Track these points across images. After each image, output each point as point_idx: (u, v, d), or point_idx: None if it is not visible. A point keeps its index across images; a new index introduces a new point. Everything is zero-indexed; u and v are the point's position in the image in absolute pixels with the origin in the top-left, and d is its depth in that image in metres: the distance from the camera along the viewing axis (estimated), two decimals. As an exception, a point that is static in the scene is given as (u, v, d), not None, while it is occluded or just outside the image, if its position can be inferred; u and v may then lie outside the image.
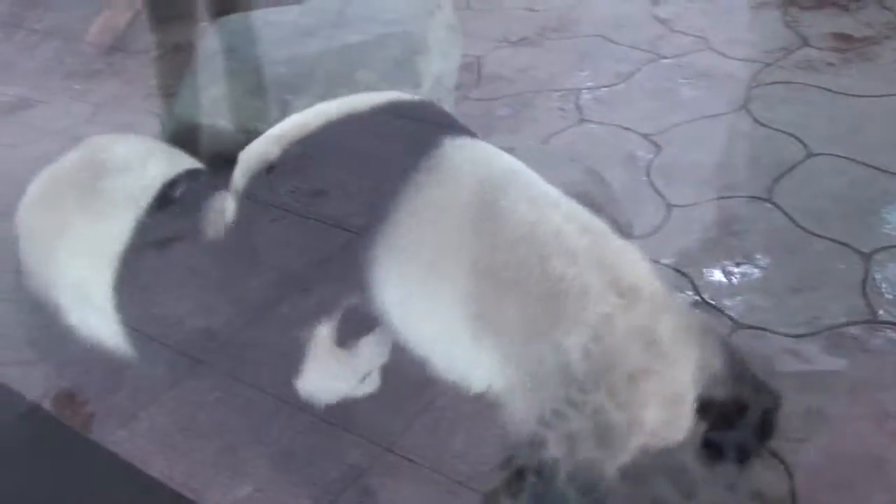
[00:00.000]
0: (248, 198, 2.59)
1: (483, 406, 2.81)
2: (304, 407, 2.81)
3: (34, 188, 2.93)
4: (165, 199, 2.69)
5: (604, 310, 2.22)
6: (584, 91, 4.33)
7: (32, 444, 2.33)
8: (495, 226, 2.35)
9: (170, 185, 2.73)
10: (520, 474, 2.29)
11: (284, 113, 3.16)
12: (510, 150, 3.07)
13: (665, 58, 4.55)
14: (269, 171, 2.59)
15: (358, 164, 2.57)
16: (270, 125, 3.17)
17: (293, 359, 2.68)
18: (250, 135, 3.17)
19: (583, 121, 4.10)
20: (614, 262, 2.31)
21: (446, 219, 2.41)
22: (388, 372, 2.97)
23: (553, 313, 2.25)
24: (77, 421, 2.87)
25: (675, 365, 2.22)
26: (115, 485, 2.47)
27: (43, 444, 2.38)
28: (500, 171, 2.51)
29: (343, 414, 2.88)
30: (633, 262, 2.35)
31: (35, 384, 2.87)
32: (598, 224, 2.42)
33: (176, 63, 3.93)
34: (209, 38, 3.60)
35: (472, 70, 4.53)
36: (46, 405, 2.84)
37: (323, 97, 3.18)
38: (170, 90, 3.83)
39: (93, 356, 2.79)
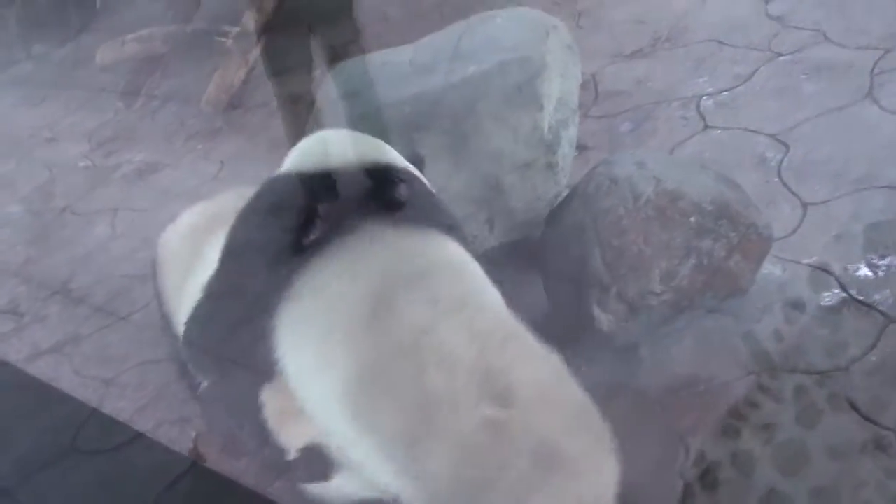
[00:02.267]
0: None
1: (642, 425, 2.80)
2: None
3: (172, 227, 3.04)
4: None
5: (477, 425, 2.15)
6: (704, 97, 4.27)
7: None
8: (385, 326, 2.32)
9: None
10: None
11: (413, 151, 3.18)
12: (641, 165, 3.06)
13: (782, 55, 4.45)
14: None
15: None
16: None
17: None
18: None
19: (707, 127, 4.04)
20: (499, 373, 2.24)
21: (341, 306, 2.39)
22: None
23: (424, 425, 2.19)
24: (234, 474, 2.89)
25: (565, 479, 2.16)
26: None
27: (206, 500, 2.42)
28: (413, 268, 2.46)
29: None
30: (528, 371, 2.31)
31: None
32: (505, 329, 2.41)
33: (297, 113, 3.98)
34: (328, 86, 3.63)
35: (589, 88, 4.50)
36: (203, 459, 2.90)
37: (449, 132, 3.20)
38: (294, 140, 3.88)
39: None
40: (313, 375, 2.38)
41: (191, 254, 2.87)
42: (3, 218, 5.43)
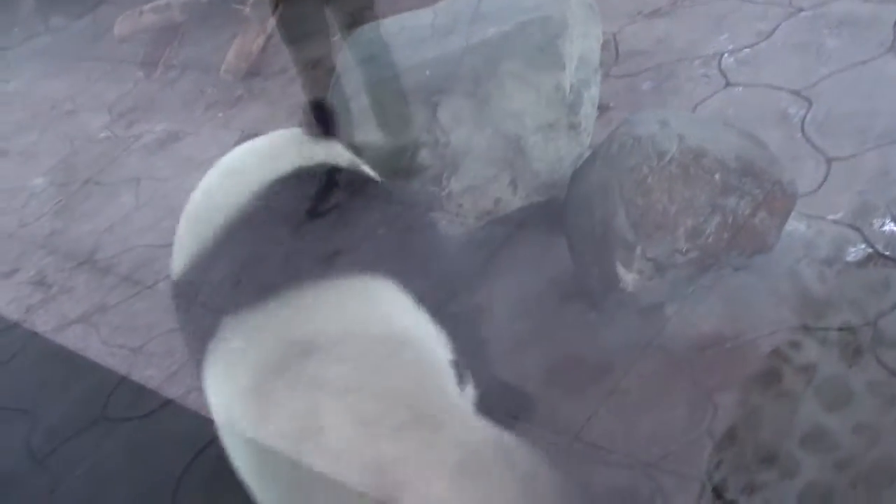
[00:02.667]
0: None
1: (669, 385, 2.81)
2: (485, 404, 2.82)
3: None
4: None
5: None
6: (725, 55, 4.23)
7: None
8: (267, 407, 2.19)
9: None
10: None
11: (434, 115, 3.18)
12: (664, 123, 3.05)
13: (804, 10, 4.41)
14: None
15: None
16: (420, 131, 3.21)
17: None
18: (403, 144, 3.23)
19: (729, 85, 4.01)
20: (385, 464, 2.06)
21: (244, 369, 2.28)
22: (566, 360, 2.98)
23: None
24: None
25: None
26: None
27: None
28: (317, 337, 2.28)
29: (525, 407, 2.89)
30: (422, 465, 2.08)
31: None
32: (406, 414, 2.15)
33: (316, 79, 3.98)
34: (347, 51, 3.63)
35: (609, 48, 4.46)
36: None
37: (471, 94, 3.19)
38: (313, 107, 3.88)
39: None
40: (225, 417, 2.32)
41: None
42: (28, 190, 5.45)
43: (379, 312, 2.39)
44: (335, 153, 2.79)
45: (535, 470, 2.15)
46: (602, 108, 3.66)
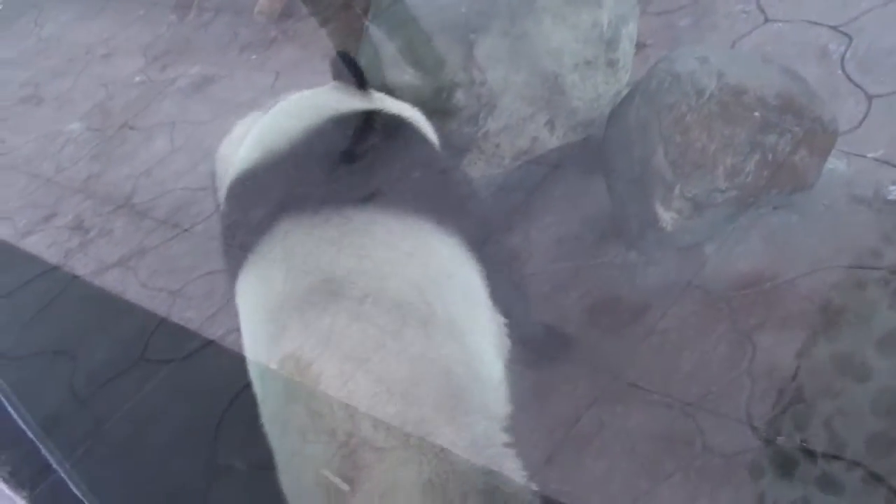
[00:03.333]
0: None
1: (708, 325, 2.81)
2: (525, 344, 2.83)
3: (227, 139, 3.01)
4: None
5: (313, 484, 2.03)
6: (764, -11, 4.18)
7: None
8: (280, 335, 2.17)
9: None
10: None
11: (470, 54, 3.15)
12: (703, 60, 3.01)
13: (845, -56, 4.34)
14: None
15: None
16: (456, 70, 3.18)
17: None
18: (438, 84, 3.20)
19: (767, 20, 3.95)
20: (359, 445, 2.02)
21: (272, 289, 2.27)
22: (605, 301, 2.97)
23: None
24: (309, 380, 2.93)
25: None
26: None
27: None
28: (340, 281, 2.22)
29: (567, 347, 2.89)
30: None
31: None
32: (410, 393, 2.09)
33: (349, 20, 3.94)
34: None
35: (645, -16, 4.42)
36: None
37: (507, 32, 3.16)
38: (348, 46, 3.85)
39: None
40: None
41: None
42: (65, 135, 5.48)
43: (417, 264, 2.33)
44: (373, 98, 2.79)
45: None
46: (639, 46, 3.61)
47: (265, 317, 2.26)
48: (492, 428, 2.18)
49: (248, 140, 2.73)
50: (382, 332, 2.16)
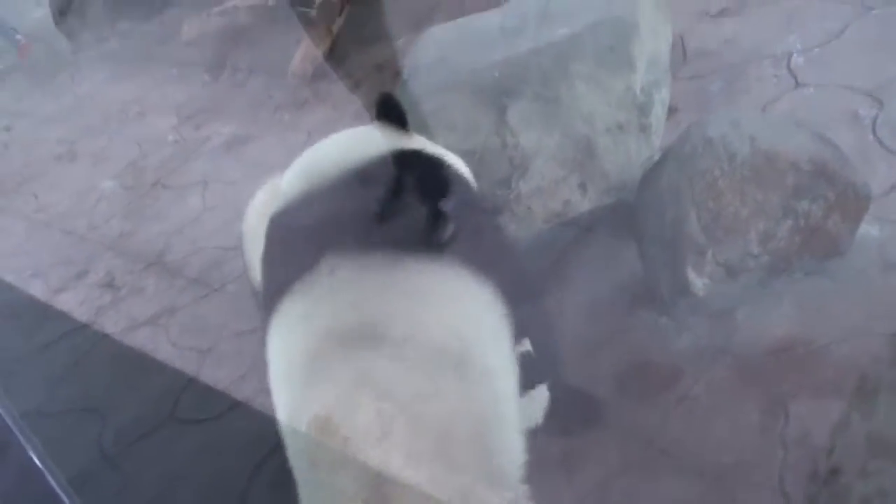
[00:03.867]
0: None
1: (740, 391, 2.78)
2: (554, 412, 2.81)
3: (253, 201, 3.03)
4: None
5: None
6: (794, 54, 4.17)
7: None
8: (312, 378, 2.16)
9: None
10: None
11: (503, 118, 3.17)
12: (736, 125, 3.01)
13: (873, 9, 4.34)
14: None
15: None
16: (488, 134, 3.20)
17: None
18: (470, 147, 3.21)
19: (799, 85, 3.96)
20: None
21: (287, 346, 2.29)
22: (636, 366, 2.95)
23: None
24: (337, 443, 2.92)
25: None
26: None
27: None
28: (382, 322, 2.21)
29: (596, 413, 2.87)
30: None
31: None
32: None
33: (381, 82, 3.98)
34: (414, 53, 3.62)
35: (677, 48, 4.42)
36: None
37: (540, 95, 3.17)
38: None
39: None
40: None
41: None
42: (98, 193, 5.53)
43: (456, 310, 2.32)
44: (414, 139, 2.78)
45: None
46: (671, 110, 3.62)
47: (302, 357, 2.23)
48: (514, 474, 2.17)
49: (291, 175, 2.75)
50: (422, 376, 2.14)
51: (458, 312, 2.32)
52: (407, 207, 2.47)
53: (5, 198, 5.98)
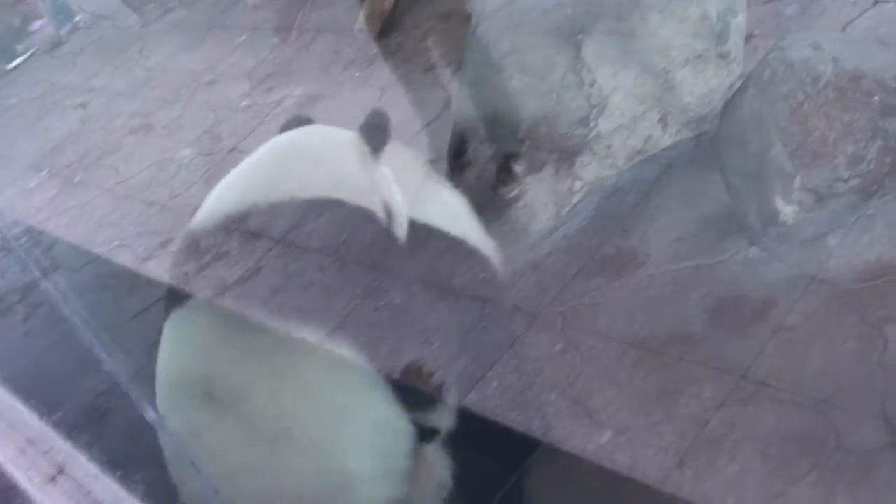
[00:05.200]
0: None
1: (836, 319, 2.73)
2: (650, 348, 2.80)
3: None
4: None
5: None
6: (873, -30, 4.07)
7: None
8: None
9: None
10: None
11: (578, 55, 3.14)
12: (817, 47, 2.94)
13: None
14: None
15: None
16: (565, 72, 3.16)
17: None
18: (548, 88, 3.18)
19: (877, 2, 3.84)
20: None
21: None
22: (728, 300, 2.91)
23: None
24: (430, 390, 2.93)
25: None
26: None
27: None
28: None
29: (691, 348, 2.84)
30: None
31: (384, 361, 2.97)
32: None
33: (450, 31, 3.96)
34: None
35: (751, -27, 4.35)
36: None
37: (615, 30, 3.13)
38: (450, 58, 3.87)
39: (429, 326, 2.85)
40: None
41: None
42: (176, 162, 5.58)
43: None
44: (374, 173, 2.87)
45: None
46: (747, 37, 3.55)
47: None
48: None
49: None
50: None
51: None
52: None
53: (87, 173, 6.05)
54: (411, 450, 2.59)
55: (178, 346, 2.59)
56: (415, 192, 2.84)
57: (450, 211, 2.89)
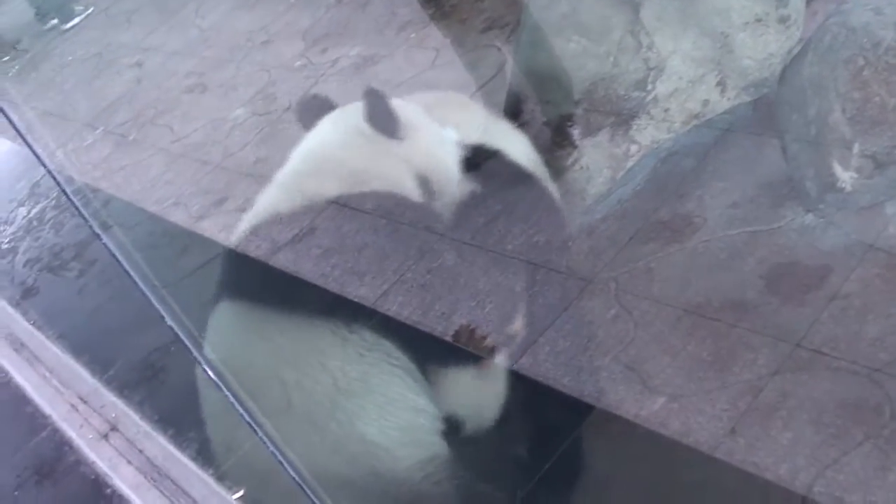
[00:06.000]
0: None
1: (893, 288, 2.70)
2: (704, 314, 2.78)
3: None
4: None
5: None
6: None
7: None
8: None
9: None
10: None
11: (636, 17, 3.11)
12: (878, 11, 2.89)
13: None
14: None
15: None
16: (623, 34, 3.14)
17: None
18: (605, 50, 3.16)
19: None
20: None
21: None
22: (784, 266, 2.90)
23: None
24: (483, 353, 2.94)
25: None
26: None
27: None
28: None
29: (746, 315, 2.83)
30: None
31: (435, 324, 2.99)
32: None
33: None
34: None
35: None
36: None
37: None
38: (507, 19, 3.84)
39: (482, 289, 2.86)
40: None
41: None
42: (231, 122, 5.60)
43: None
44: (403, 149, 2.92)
45: None
46: (807, 0, 3.50)
47: None
48: None
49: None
50: None
51: None
52: None
53: (142, 131, 6.11)
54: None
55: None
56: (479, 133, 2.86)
57: (518, 148, 2.92)
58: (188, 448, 3.28)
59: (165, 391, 3.76)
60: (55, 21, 8.77)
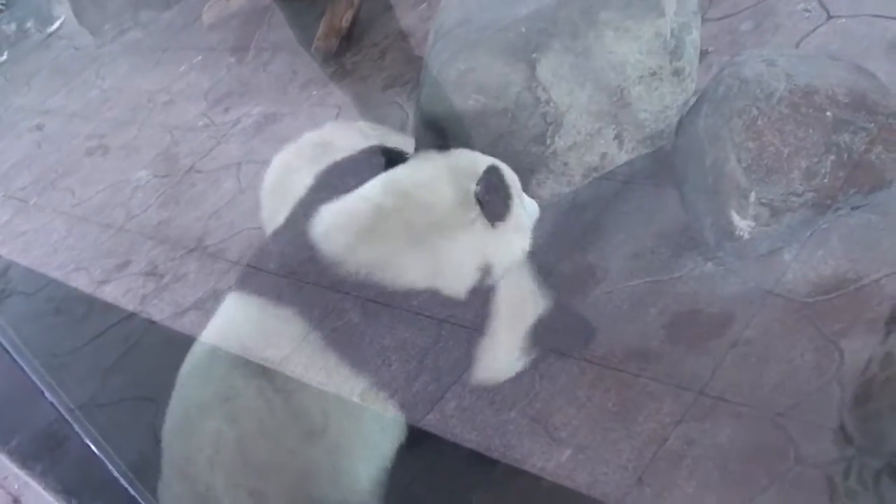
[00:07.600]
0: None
1: (793, 332, 2.74)
2: (608, 365, 2.80)
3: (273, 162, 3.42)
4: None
5: None
6: (827, -13, 4.10)
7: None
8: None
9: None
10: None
11: (533, 74, 3.14)
12: (770, 63, 2.97)
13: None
14: None
15: None
16: (520, 91, 3.17)
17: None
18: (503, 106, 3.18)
19: (830, 17, 3.87)
20: None
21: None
22: (685, 315, 2.92)
23: None
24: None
25: None
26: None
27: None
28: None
29: (649, 364, 2.85)
30: None
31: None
32: None
33: (408, 49, 3.96)
34: (440, 16, 3.58)
35: (702, -11, 4.37)
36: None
37: (569, 48, 3.14)
38: (407, 76, 3.86)
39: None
40: None
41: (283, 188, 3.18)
42: (133, 183, 5.54)
43: None
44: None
45: None
46: (702, 53, 3.57)
47: None
48: None
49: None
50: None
51: None
52: None
53: (43, 195, 6.01)
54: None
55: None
56: None
57: None
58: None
59: (69, 461, 3.66)
60: (-49, 87, 8.62)
